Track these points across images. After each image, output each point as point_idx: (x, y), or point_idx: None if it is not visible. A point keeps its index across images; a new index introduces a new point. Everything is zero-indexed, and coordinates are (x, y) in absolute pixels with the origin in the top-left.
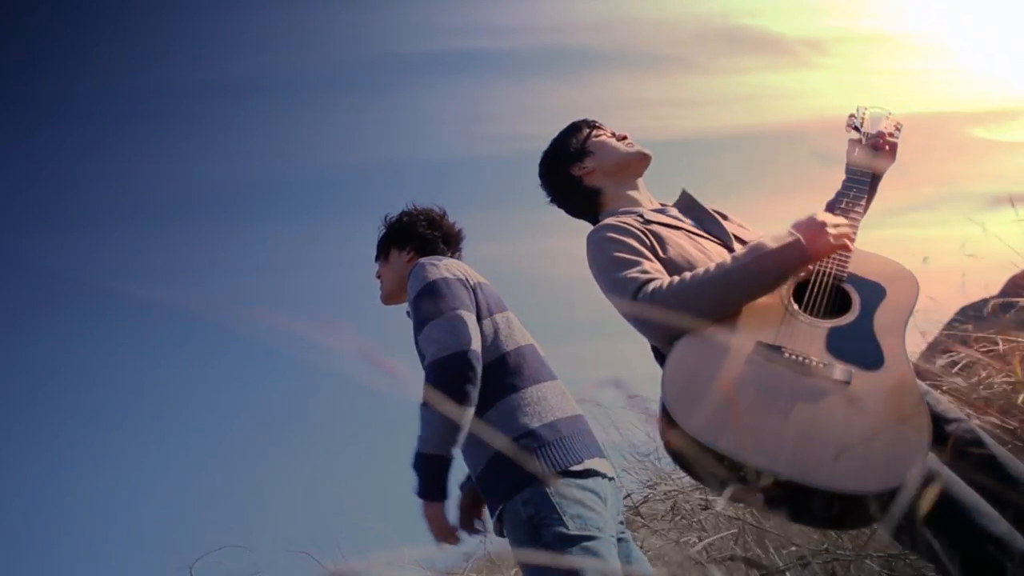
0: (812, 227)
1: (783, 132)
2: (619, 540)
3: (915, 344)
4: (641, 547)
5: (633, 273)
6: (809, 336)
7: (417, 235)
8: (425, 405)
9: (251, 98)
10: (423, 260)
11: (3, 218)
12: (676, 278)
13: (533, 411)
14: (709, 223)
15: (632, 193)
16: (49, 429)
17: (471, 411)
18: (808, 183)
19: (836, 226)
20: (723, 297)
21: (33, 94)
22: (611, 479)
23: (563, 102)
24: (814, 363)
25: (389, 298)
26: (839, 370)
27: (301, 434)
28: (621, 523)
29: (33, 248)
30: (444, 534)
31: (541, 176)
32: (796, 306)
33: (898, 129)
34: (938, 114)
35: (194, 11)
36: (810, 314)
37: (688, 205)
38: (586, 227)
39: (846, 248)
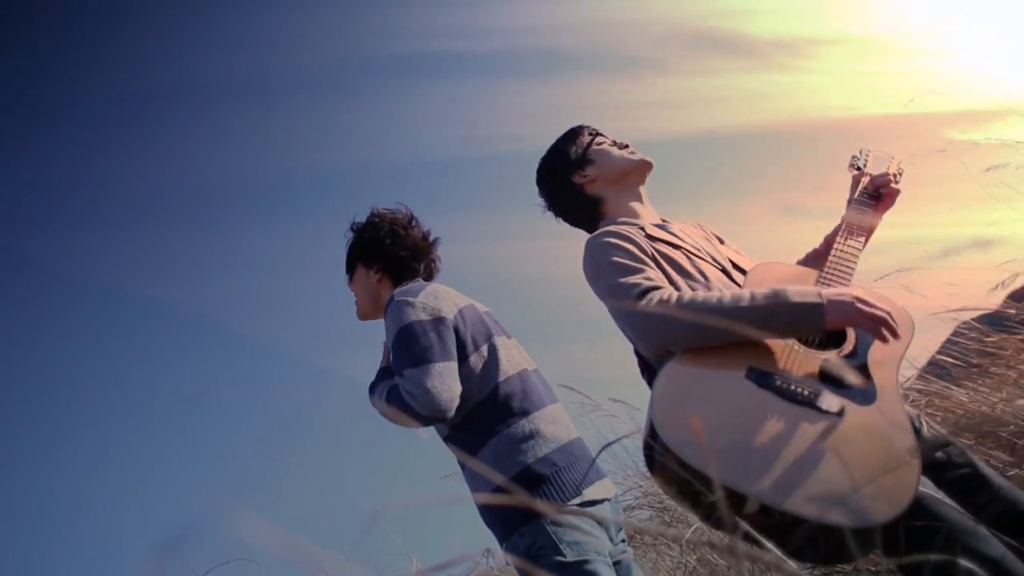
0: (845, 309)
1: (756, 134)
2: (616, 563)
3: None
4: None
5: (637, 279)
6: (803, 366)
7: (383, 253)
8: (382, 403)
9: (255, 98)
10: (397, 297)
11: (8, 220)
12: (688, 294)
13: (527, 447)
14: (707, 246)
15: (634, 204)
16: (56, 431)
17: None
18: (783, 185)
19: (875, 309)
20: (729, 328)
21: (37, 95)
22: (610, 500)
23: (538, 104)
24: (806, 392)
25: (365, 316)
26: (833, 401)
27: (311, 438)
28: (623, 540)
29: (39, 250)
30: None
31: (539, 183)
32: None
33: (900, 174)
34: (911, 115)
35: (198, 12)
36: (805, 344)
37: (689, 227)
38: (568, 229)
39: (873, 333)
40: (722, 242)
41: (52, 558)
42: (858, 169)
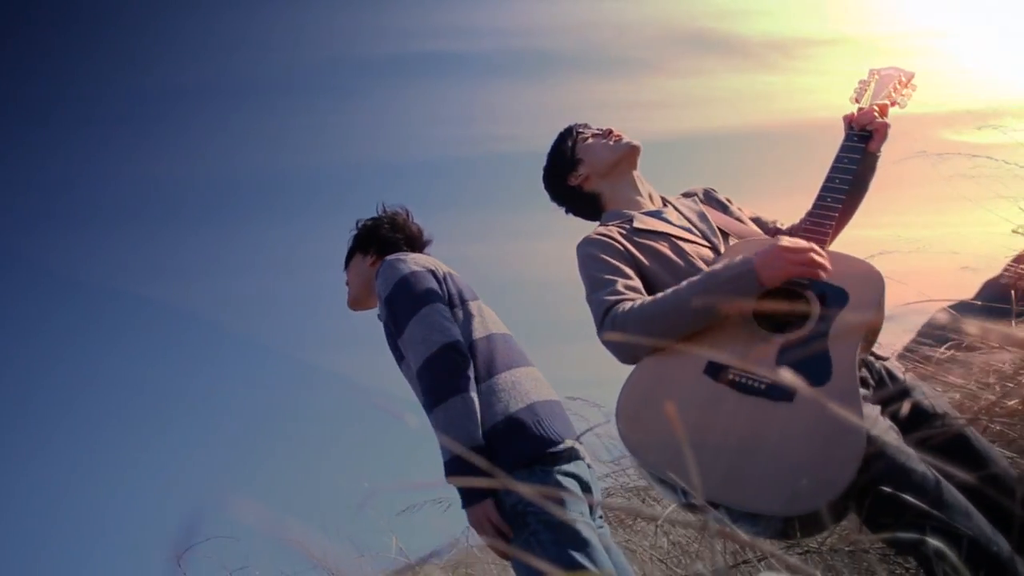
0: (771, 257)
1: (748, 133)
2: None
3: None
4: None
5: (603, 295)
6: (761, 352)
7: (379, 238)
8: (431, 411)
9: (247, 99)
10: (389, 258)
11: (3, 218)
12: (636, 303)
13: (508, 396)
14: (701, 223)
15: (631, 192)
16: (48, 424)
17: (473, 394)
18: (777, 184)
19: (798, 251)
20: (674, 324)
21: (32, 96)
22: (590, 466)
23: (532, 104)
24: (758, 384)
25: (356, 303)
26: (785, 388)
27: (299, 432)
28: (600, 516)
29: (32, 248)
30: (494, 533)
31: (547, 191)
32: (754, 319)
33: (907, 95)
34: (905, 116)
35: (191, 13)
36: (769, 326)
37: (689, 201)
38: (560, 230)
39: (806, 275)
40: (727, 208)
41: (47, 549)
42: (858, 102)
